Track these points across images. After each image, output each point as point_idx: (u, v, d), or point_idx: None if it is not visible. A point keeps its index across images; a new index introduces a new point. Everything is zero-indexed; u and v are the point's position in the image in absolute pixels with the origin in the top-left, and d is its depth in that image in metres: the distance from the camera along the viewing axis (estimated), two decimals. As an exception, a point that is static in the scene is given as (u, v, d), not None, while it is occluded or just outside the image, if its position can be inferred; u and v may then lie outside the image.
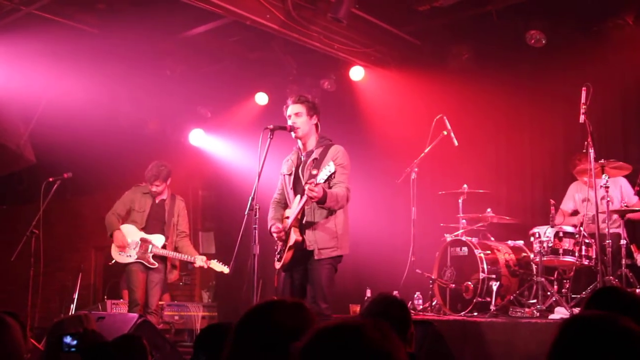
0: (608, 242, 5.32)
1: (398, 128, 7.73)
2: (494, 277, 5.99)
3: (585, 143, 5.40)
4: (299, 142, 5.10)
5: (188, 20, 7.24)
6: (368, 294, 6.94)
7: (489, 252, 6.19)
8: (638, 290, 5.42)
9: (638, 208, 5.90)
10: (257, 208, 4.60)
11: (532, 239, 5.91)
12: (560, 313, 5.38)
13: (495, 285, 5.88)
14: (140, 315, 5.45)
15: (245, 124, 8.70)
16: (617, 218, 5.90)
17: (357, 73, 7.89)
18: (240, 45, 8.11)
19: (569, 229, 5.75)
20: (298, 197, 4.92)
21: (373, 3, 6.90)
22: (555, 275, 6.03)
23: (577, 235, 5.69)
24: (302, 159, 5.06)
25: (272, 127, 4.83)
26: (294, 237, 4.85)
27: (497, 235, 6.61)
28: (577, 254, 5.65)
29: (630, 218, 6.02)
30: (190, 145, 9.36)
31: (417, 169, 6.75)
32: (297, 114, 5.01)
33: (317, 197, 4.57)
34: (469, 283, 6.08)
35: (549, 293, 5.64)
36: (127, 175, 8.14)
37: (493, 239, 6.52)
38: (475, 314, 5.92)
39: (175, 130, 9.38)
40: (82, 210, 11.31)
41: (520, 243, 6.42)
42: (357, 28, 7.33)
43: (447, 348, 4.65)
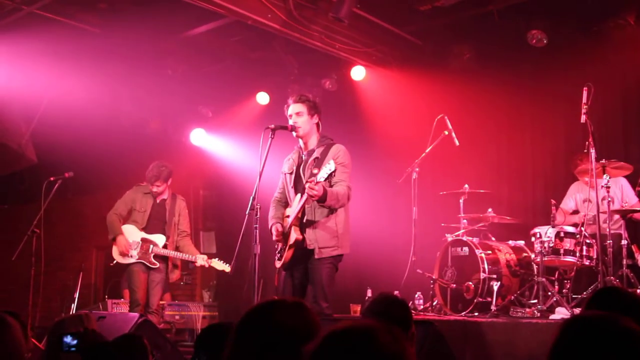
0: (609, 242, 5.31)
1: (399, 128, 7.72)
2: (495, 277, 5.98)
3: (587, 143, 5.38)
4: (300, 141, 5.10)
5: (189, 20, 7.24)
6: (369, 294, 6.93)
7: (490, 252, 6.19)
8: (639, 291, 5.42)
9: (638, 208, 5.89)
10: (258, 208, 4.60)
11: (533, 239, 5.90)
12: (561, 313, 5.37)
13: (496, 286, 5.87)
14: (141, 315, 5.44)
15: (247, 124, 8.70)
16: (618, 218, 5.90)
17: (358, 73, 7.88)
18: (242, 45, 8.11)
19: (570, 229, 5.74)
20: (299, 195, 4.91)
21: (374, 3, 6.90)
22: (556, 276, 6.02)
23: (578, 236, 5.69)
24: (303, 158, 5.06)
25: (273, 126, 4.84)
26: (295, 235, 4.85)
27: (498, 235, 6.60)
28: (578, 254, 5.64)
29: (633, 218, 6.00)
30: (192, 145, 9.36)
31: (418, 169, 6.74)
32: (298, 114, 5.01)
33: (317, 195, 4.56)
34: (470, 283, 6.08)
35: (550, 293, 5.63)
36: (128, 175, 8.14)
37: (494, 239, 6.52)
38: (476, 314, 5.91)
39: (177, 130, 9.38)
40: (83, 210, 11.31)
41: (521, 243, 6.41)
42: (358, 28, 7.32)
43: (448, 348, 4.64)
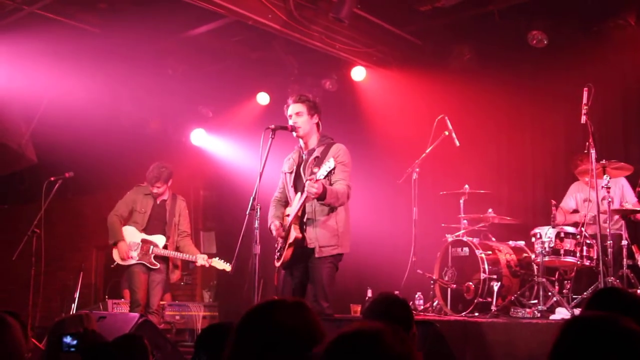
0: (609, 242, 5.31)
1: (399, 128, 7.72)
2: (495, 277, 5.98)
3: (587, 143, 5.38)
4: (301, 141, 5.10)
5: (190, 20, 7.24)
6: (369, 294, 6.93)
7: (490, 252, 6.18)
8: (639, 291, 5.42)
9: (638, 208, 5.89)
10: (258, 208, 4.59)
11: (533, 240, 5.90)
12: (562, 314, 5.37)
13: (496, 286, 5.87)
14: (141, 315, 5.44)
15: (247, 124, 8.70)
16: (618, 218, 5.90)
17: (358, 73, 7.88)
18: (242, 45, 8.11)
19: (570, 230, 5.74)
20: (299, 194, 4.91)
21: (375, 3, 6.90)
22: (557, 276, 6.02)
23: (578, 236, 5.69)
24: (303, 158, 5.06)
25: (273, 126, 4.83)
26: (294, 234, 4.85)
27: (498, 236, 6.60)
28: (578, 255, 5.64)
29: (634, 218, 6.00)
30: (192, 145, 9.36)
31: (418, 169, 6.74)
32: (297, 114, 5.01)
33: (317, 193, 4.57)
34: (470, 283, 6.07)
35: (550, 293, 5.63)
36: (128, 175, 8.15)
37: (494, 240, 6.51)
38: (476, 315, 5.91)
39: (177, 130, 9.38)
40: (83, 210, 11.32)
41: (522, 243, 6.40)
42: (358, 28, 7.32)
43: (448, 348, 4.63)
